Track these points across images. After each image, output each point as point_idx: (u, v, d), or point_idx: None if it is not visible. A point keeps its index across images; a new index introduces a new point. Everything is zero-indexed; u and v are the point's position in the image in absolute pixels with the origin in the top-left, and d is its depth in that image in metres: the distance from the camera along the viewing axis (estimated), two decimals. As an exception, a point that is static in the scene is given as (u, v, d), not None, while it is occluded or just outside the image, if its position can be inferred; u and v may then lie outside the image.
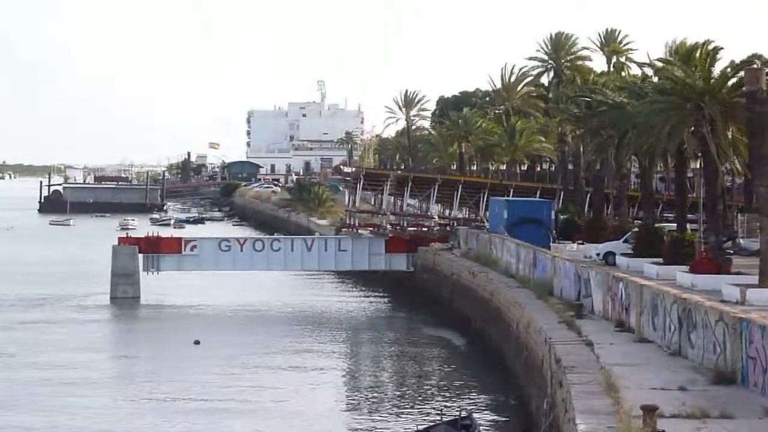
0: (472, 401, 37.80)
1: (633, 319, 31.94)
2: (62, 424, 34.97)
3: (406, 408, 37.26)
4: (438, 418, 31.83)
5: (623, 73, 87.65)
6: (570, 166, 75.12)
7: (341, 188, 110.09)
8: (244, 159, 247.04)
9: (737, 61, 46.34)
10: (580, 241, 56.81)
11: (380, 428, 34.60)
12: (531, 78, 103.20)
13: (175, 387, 40.48)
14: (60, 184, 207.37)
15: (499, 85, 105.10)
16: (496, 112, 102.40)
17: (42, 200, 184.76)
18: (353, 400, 39.81)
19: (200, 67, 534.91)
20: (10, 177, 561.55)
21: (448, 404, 36.35)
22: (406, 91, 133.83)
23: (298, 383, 41.66)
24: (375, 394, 40.44)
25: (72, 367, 44.28)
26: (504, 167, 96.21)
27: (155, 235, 68.14)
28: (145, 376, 43.34)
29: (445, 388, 40.78)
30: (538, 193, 69.47)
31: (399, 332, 55.33)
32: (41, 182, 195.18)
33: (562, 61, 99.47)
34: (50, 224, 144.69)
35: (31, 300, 64.13)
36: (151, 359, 47.46)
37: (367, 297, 68.79)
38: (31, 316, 57.86)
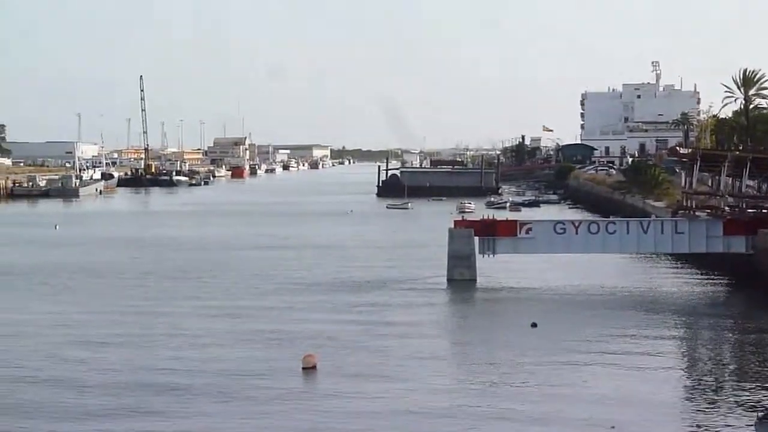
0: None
1: None
2: (398, 401, 35.76)
3: (745, 395, 36.27)
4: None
5: None
6: None
7: (677, 170, 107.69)
8: (578, 141, 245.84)
9: None
10: None
11: (722, 411, 33.90)
12: None
13: (510, 369, 40.74)
14: (397, 169, 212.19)
15: None
16: None
17: (380, 184, 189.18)
18: (688, 385, 38.98)
19: (538, 45, 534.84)
20: (350, 162, 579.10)
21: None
22: (745, 70, 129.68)
23: (635, 368, 41.13)
24: (712, 378, 39.58)
25: (406, 349, 45.11)
26: None
27: (491, 218, 68.67)
28: (479, 357, 43.76)
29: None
30: None
31: (737, 317, 53.80)
32: (379, 167, 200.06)
33: None
34: (387, 208, 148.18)
35: (368, 282, 65.77)
36: (486, 341, 47.87)
37: (705, 280, 67.16)
38: (368, 299, 59.21)
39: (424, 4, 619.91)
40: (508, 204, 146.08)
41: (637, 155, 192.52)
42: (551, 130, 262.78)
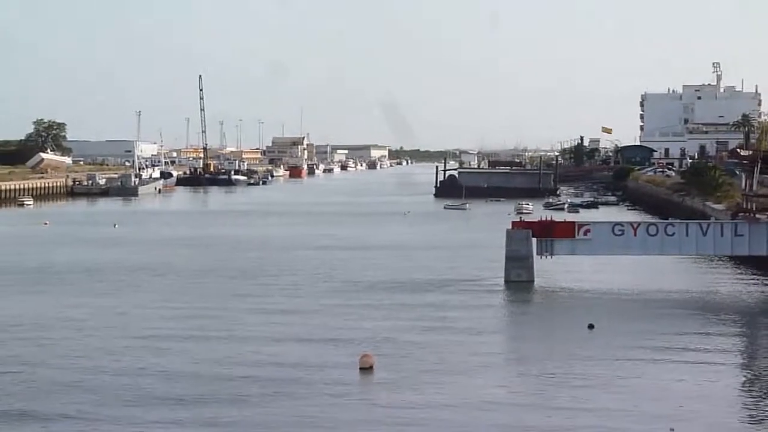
0: None
1: None
2: (454, 401, 35.87)
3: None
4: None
5: None
6: None
7: (737, 172, 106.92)
8: (637, 143, 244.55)
9: None
10: None
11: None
12: None
13: (567, 371, 40.73)
14: (455, 169, 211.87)
15: None
16: None
17: (438, 185, 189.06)
18: (748, 387, 38.81)
19: (594, 50, 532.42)
20: (407, 163, 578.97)
21: None
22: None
23: (693, 370, 41.00)
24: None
25: (463, 349, 45.17)
26: None
27: (549, 219, 68.55)
28: (537, 358, 43.75)
29: None
30: None
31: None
32: (437, 167, 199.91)
33: None
34: (445, 208, 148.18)
35: (425, 283, 65.85)
36: (543, 343, 47.85)
37: (765, 283, 66.64)
38: (425, 299, 59.28)
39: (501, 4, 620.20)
40: (566, 205, 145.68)
41: (696, 157, 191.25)
42: (610, 131, 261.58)
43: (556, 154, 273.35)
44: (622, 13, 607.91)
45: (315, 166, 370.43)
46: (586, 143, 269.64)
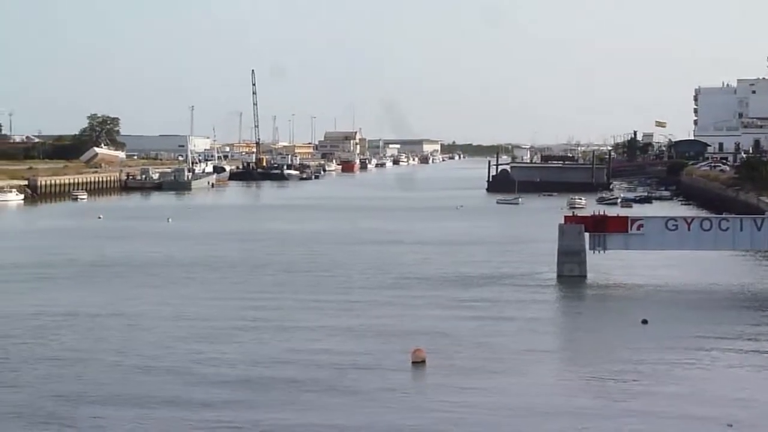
0: None
1: None
2: (506, 396, 35.83)
3: None
4: None
5: None
6: None
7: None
8: (691, 137, 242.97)
9: None
10: None
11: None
12: None
13: (620, 366, 40.55)
14: (507, 164, 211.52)
15: None
16: None
17: (490, 179, 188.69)
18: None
19: (640, 43, 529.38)
20: (460, 157, 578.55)
21: None
22: None
23: (749, 365, 40.73)
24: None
25: (515, 344, 45.09)
26: None
27: (601, 213, 68.27)
28: (590, 353, 43.63)
29: None
30: None
31: None
32: (489, 162, 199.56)
33: None
34: (497, 203, 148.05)
35: (478, 278, 65.81)
36: (596, 338, 47.68)
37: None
38: (478, 294, 59.20)
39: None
40: (619, 200, 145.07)
41: (751, 151, 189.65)
42: (664, 124, 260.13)
43: (609, 148, 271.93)
44: (676, 6, 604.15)
45: (367, 161, 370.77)
46: (639, 138, 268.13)
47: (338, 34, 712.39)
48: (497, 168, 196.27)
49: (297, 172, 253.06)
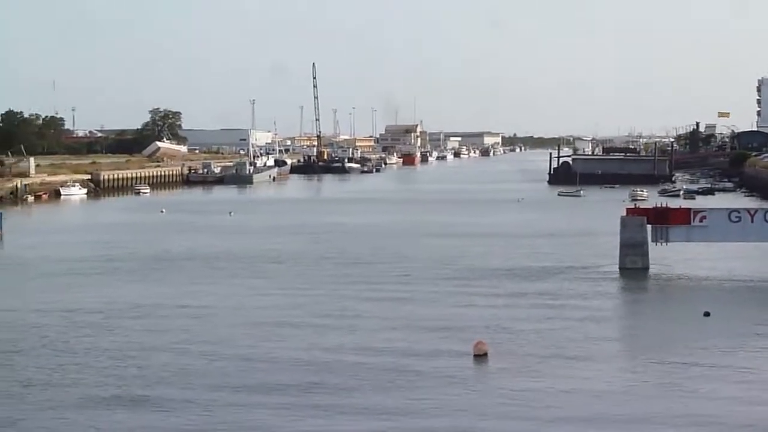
0: None
1: None
2: (570, 388, 35.81)
3: None
4: None
5: None
6: None
7: None
8: (754, 128, 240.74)
9: None
10: None
11: None
12: None
13: (683, 359, 40.32)
14: (569, 156, 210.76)
15: None
16: None
17: (551, 172, 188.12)
18: None
19: (708, 33, 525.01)
20: (521, 149, 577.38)
21: None
22: None
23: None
24: None
25: (578, 336, 44.96)
26: None
27: (664, 206, 67.89)
28: (652, 346, 43.39)
29: None
30: None
31: None
32: (551, 154, 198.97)
33: None
34: (559, 195, 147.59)
35: (540, 270, 65.68)
36: (658, 330, 47.42)
37: None
38: (540, 287, 59.05)
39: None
40: (681, 192, 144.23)
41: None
42: (728, 115, 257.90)
43: (671, 140, 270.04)
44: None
45: (428, 154, 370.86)
46: (702, 129, 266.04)
47: (398, 28, 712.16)
48: (559, 160, 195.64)
49: (358, 165, 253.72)
